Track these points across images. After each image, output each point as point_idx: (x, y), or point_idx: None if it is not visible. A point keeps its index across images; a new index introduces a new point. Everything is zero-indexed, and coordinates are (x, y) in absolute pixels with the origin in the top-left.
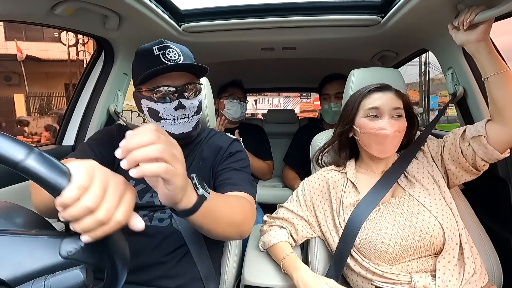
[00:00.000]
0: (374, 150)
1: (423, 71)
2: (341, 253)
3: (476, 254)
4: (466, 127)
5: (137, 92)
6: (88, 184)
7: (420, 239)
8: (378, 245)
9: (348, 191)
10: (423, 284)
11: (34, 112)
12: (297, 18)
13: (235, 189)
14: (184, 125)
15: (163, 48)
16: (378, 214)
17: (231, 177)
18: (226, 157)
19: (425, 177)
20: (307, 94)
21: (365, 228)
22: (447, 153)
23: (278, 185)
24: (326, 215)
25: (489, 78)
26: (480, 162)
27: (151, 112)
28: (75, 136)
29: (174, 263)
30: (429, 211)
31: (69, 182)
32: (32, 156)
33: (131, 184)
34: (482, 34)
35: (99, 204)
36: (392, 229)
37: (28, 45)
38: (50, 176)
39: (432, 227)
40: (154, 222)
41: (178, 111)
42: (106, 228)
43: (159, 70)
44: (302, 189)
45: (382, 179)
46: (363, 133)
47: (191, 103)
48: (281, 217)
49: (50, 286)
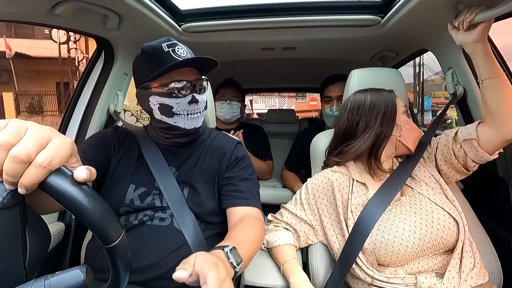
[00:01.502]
0: (411, 143)
1: (417, 72)
2: (347, 256)
3: (476, 249)
4: (458, 129)
5: (143, 89)
6: (3, 125)
7: (437, 238)
8: (395, 247)
9: (356, 191)
10: (428, 285)
11: (23, 111)
12: (297, 18)
13: (247, 203)
14: (196, 120)
15: (172, 45)
16: (391, 214)
17: (241, 189)
18: (233, 164)
19: (427, 176)
20: (302, 94)
21: (379, 230)
22: (439, 154)
23: (278, 185)
24: (332, 219)
25: (483, 81)
26: (470, 163)
27: (163, 108)
28: (75, 136)
29: (176, 263)
30: (442, 208)
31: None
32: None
33: (132, 188)
34: (479, 35)
35: (11, 140)
36: (409, 230)
37: (18, 42)
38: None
39: (448, 225)
40: (155, 222)
41: (192, 106)
42: (32, 172)
43: (176, 65)
44: (305, 191)
45: (389, 179)
46: (408, 129)
47: (202, 98)
48: (284, 220)
49: (50, 286)
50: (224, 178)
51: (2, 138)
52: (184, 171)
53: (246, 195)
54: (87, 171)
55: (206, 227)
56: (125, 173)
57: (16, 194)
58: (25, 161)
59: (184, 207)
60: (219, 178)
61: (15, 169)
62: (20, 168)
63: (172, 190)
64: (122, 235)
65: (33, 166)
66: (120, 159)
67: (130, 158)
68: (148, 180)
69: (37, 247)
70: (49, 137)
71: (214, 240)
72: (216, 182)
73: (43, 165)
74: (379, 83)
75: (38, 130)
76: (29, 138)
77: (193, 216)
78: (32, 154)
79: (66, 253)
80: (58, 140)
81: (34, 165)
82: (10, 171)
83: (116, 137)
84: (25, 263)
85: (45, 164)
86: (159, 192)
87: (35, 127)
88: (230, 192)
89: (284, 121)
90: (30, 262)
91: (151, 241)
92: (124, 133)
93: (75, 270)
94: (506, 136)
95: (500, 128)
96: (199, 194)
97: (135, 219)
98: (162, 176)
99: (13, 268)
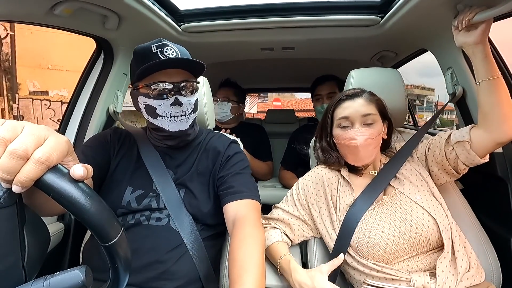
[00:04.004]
0: (349, 159)
1: None
2: (338, 251)
3: (471, 249)
4: (451, 131)
5: (134, 89)
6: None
7: (416, 236)
8: (376, 245)
9: (343, 191)
10: (422, 283)
11: None
12: (297, 18)
13: (241, 197)
14: (180, 123)
15: (161, 46)
16: (373, 213)
17: (234, 184)
18: (225, 162)
19: (413, 174)
20: (264, 94)
21: (361, 228)
22: (431, 155)
23: (278, 186)
24: (322, 213)
25: (480, 83)
26: (461, 166)
27: (148, 109)
28: (75, 136)
29: (173, 263)
30: (421, 207)
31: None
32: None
33: (129, 190)
34: (480, 36)
35: (8, 137)
36: (388, 228)
37: None
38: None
39: (427, 223)
40: (152, 222)
41: (175, 108)
42: (29, 168)
43: (156, 64)
44: (296, 188)
45: (375, 180)
46: (338, 144)
47: (188, 100)
48: (275, 217)
49: (49, 286)
50: (218, 179)
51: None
52: (181, 173)
53: (237, 189)
54: (84, 169)
55: (202, 228)
56: (123, 175)
57: (13, 193)
58: (22, 157)
59: (181, 208)
60: (214, 179)
61: (12, 164)
62: (17, 164)
63: (170, 192)
64: (120, 233)
65: (30, 162)
66: (119, 161)
67: (128, 160)
68: (145, 183)
69: (36, 248)
70: (45, 135)
71: (210, 240)
72: (211, 184)
73: (41, 161)
74: (378, 83)
75: (34, 128)
76: (26, 135)
77: (190, 217)
78: (29, 149)
79: (66, 254)
80: (55, 138)
81: (32, 160)
82: (6, 167)
83: (116, 139)
84: (23, 263)
85: (43, 159)
86: (156, 194)
87: (31, 125)
88: (223, 190)
89: (283, 121)
90: (29, 262)
91: (147, 240)
92: (123, 135)
93: (74, 271)
94: (498, 139)
95: (493, 131)
96: (195, 196)
97: (131, 219)
98: (160, 178)
99: (11, 268)
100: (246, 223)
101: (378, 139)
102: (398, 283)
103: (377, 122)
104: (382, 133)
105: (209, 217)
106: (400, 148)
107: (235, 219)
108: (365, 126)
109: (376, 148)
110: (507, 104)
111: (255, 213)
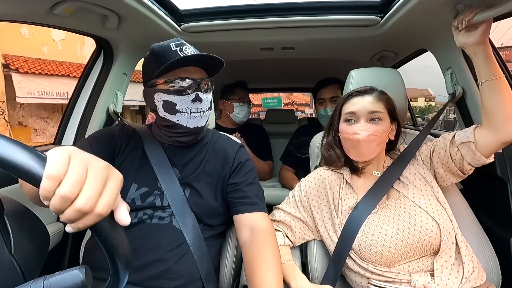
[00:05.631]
0: (351, 154)
1: None
2: (339, 254)
3: (472, 252)
4: (455, 132)
5: (150, 87)
6: (63, 171)
7: (419, 240)
8: (378, 248)
9: (345, 193)
10: (423, 283)
11: None
12: (297, 18)
13: (257, 209)
14: (199, 119)
15: (180, 45)
16: (376, 216)
17: (248, 195)
18: (237, 168)
19: (417, 179)
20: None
21: (364, 231)
22: (436, 157)
23: (278, 185)
24: (323, 215)
25: (483, 83)
26: (467, 166)
27: (167, 105)
28: (74, 136)
29: (174, 262)
30: (425, 211)
31: None
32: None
33: (134, 187)
34: (481, 36)
35: (76, 192)
36: (392, 232)
37: None
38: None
39: (430, 228)
40: (155, 220)
41: (195, 104)
42: (89, 219)
43: (182, 60)
44: (298, 189)
45: (378, 182)
46: (342, 138)
47: (206, 97)
48: (277, 219)
49: (49, 286)
50: (230, 185)
51: (67, 190)
52: (187, 172)
53: (254, 200)
54: (129, 217)
55: (205, 227)
56: (128, 172)
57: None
58: (88, 213)
59: (185, 207)
60: (223, 183)
61: (76, 217)
62: (81, 217)
63: (174, 190)
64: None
65: (92, 215)
66: (125, 158)
67: (134, 157)
68: (150, 180)
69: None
70: (107, 177)
71: (211, 240)
72: (220, 186)
73: (102, 214)
74: (378, 83)
75: (98, 173)
76: (92, 187)
77: (193, 216)
78: (95, 205)
79: (66, 253)
80: (114, 180)
81: (94, 213)
82: (71, 219)
83: (123, 136)
84: (10, 250)
85: (103, 213)
86: (160, 192)
87: (95, 168)
88: (237, 199)
89: (283, 121)
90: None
91: (150, 239)
92: (130, 132)
93: (74, 271)
94: (503, 138)
95: (498, 131)
96: (201, 195)
97: (134, 217)
98: (165, 177)
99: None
100: (269, 234)
101: (382, 137)
102: (399, 284)
103: (383, 120)
104: (388, 132)
105: (213, 218)
106: (403, 149)
107: (254, 229)
108: (371, 123)
109: (379, 146)
110: (510, 103)
111: (271, 225)
